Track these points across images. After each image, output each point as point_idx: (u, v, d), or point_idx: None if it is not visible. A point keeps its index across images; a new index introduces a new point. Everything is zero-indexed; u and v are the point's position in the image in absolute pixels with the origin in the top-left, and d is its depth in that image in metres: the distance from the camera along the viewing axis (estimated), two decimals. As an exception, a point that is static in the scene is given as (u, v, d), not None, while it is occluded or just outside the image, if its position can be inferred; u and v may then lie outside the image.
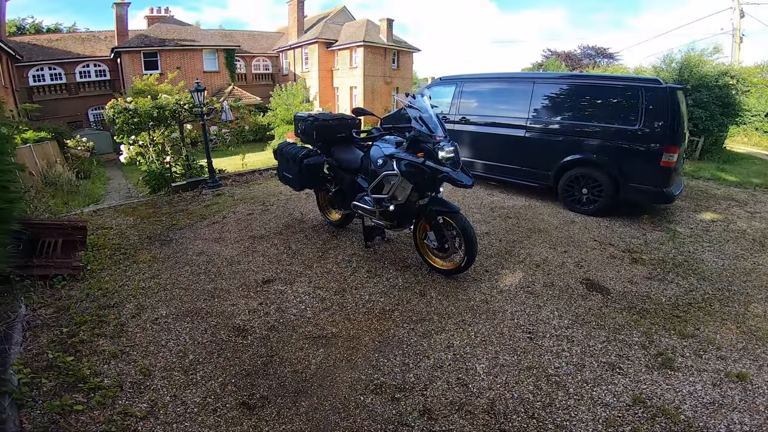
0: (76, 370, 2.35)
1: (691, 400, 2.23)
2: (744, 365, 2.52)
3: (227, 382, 2.35)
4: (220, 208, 5.58)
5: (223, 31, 29.04)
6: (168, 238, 4.53)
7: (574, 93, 5.64)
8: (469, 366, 2.47)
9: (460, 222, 3.27)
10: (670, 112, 4.82)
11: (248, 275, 3.63)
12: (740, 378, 2.39)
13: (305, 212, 5.26)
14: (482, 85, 6.68)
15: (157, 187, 7.17)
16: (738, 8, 16.97)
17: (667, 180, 4.93)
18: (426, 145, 3.16)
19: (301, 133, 4.39)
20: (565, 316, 3.00)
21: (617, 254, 4.12)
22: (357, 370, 2.44)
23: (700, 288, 3.49)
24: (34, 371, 2.32)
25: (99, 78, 23.89)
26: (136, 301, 3.21)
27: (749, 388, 2.32)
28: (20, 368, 2.27)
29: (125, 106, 6.97)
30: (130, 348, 2.65)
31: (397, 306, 3.11)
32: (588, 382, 2.35)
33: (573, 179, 5.44)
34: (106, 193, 11.00)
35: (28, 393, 2.15)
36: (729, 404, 2.21)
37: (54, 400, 2.12)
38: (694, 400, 2.23)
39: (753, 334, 2.84)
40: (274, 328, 2.86)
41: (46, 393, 2.19)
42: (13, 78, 19.18)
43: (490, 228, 4.73)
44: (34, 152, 9.74)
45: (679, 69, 10.86)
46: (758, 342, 2.75)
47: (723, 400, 2.23)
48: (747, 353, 2.63)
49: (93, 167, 14.17)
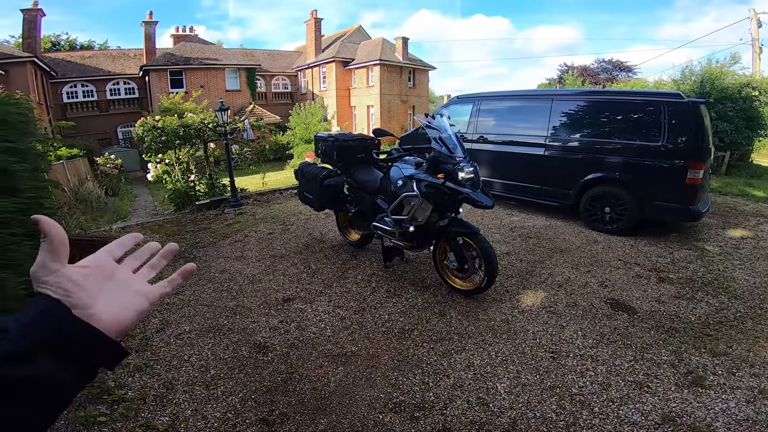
0: (101, 382, 2.43)
1: (723, 418, 2.15)
2: (780, 384, 2.41)
3: (247, 398, 2.37)
4: (242, 227, 5.70)
5: (244, 50, 29.67)
6: (192, 256, 4.64)
7: (593, 109, 5.59)
8: (490, 385, 2.43)
9: (480, 243, 3.26)
10: (693, 126, 4.73)
11: (269, 293, 3.68)
12: (776, 396, 2.29)
13: (325, 232, 5.32)
14: (500, 103, 6.69)
15: (181, 205, 7.37)
16: (755, 18, 16.65)
17: (693, 197, 4.80)
18: (446, 166, 3.18)
19: (321, 153, 4.44)
20: (590, 336, 2.93)
21: (643, 273, 4.02)
22: (376, 388, 2.43)
23: (731, 306, 3.37)
24: None
25: (128, 96, 24.42)
26: (161, 317, 3.29)
27: (786, 407, 2.23)
28: None
29: (154, 124, 7.23)
30: (154, 362, 2.71)
31: (417, 325, 3.09)
32: (614, 401, 2.29)
33: (595, 198, 5.35)
34: (133, 210, 11.36)
35: None
36: (764, 420, 2.13)
37: (78, 411, 2.18)
38: (727, 417, 2.16)
39: (789, 356, 2.72)
40: (294, 345, 2.88)
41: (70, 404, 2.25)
42: (47, 94, 19.81)
43: (510, 248, 4.68)
44: (67, 169, 10.17)
45: (700, 82, 10.66)
46: (795, 364, 2.63)
47: (758, 417, 2.15)
48: (783, 372, 2.53)
49: (121, 184, 14.68)
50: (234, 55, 26.65)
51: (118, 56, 25.63)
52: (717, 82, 10.34)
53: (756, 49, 16.64)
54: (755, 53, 16.68)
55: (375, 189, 3.96)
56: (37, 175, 3.22)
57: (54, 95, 21.60)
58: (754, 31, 16.65)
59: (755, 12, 16.68)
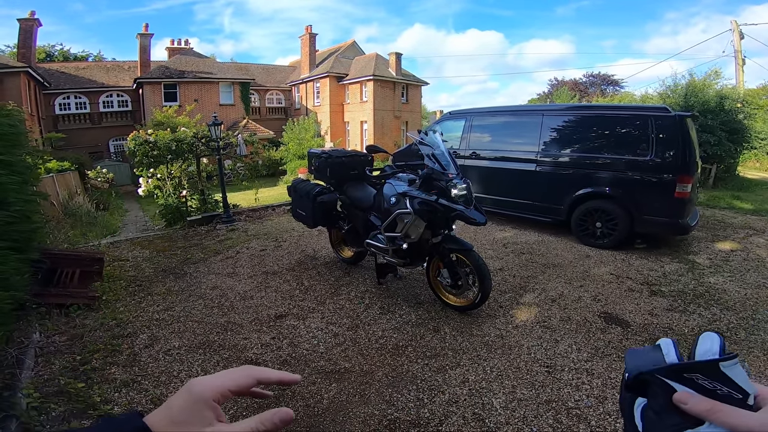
0: (86, 397, 2.37)
1: None
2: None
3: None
4: (233, 243, 5.65)
5: (239, 64, 29.67)
6: (182, 272, 4.59)
7: (583, 124, 5.68)
8: (486, 401, 2.41)
9: (473, 259, 3.26)
10: (680, 141, 4.81)
11: (261, 310, 3.63)
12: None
13: (317, 249, 5.29)
14: (491, 118, 6.77)
15: (173, 220, 7.29)
16: (737, 30, 16.81)
17: (682, 211, 4.87)
18: (439, 182, 3.19)
19: (314, 169, 4.44)
20: (584, 350, 2.92)
21: (635, 287, 4.05)
22: (370, 405, 2.40)
23: (723, 318, 3.40)
24: (44, 396, 2.34)
25: (121, 108, 24.09)
26: (150, 332, 3.23)
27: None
28: (30, 392, 2.29)
29: (146, 138, 7.17)
30: (142, 377, 2.66)
31: (411, 342, 3.07)
32: (611, 414, 2.27)
33: (586, 213, 5.41)
34: (123, 224, 11.22)
35: (37, 417, 2.16)
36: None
37: (62, 425, 2.13)
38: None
39: (782, 367, 2.74)
40: (286, 362, 2.83)
41: (54, 418, 2.20)
42: (39, 105, 19.50)
43: (503, 264, 4.69)
44: (57, 182, 10.05)
45: (684, 95, 10.89)
46: (788, 376, 2.65)
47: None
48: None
49: (111, 199, 14.54)
50: (228, 69, 26.71)
51: (112, 68, 25.44)
52: (700, 95, 10.56)
53: (739, 61, 16.75)
54: (738, 65, 16.78)
55: (368, 206, 3.94)
56: (26, 188, 3.19)
57: (46, 106, 21.33)
58: (737, 43, 16.76)
59: (737, 24, 16.83)
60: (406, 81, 27.00)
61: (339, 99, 26.87)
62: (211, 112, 8.73)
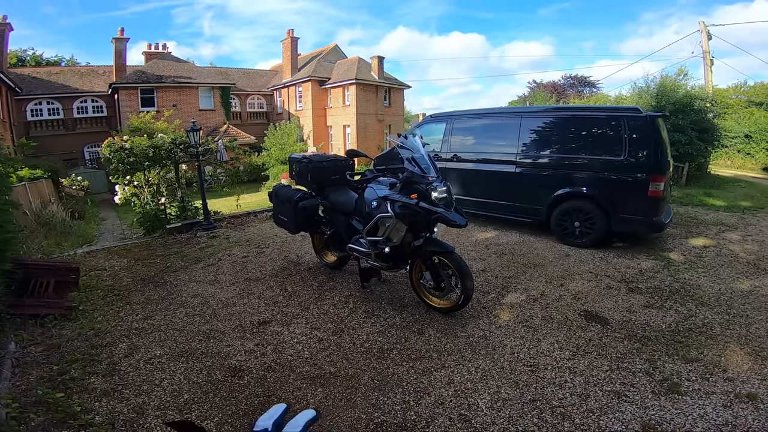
0: (66, 407, 2.32)
1: (703, 423, 2.21)
2: (753, 385, 2.51)
3: (224, 422, 2.29)
4: (215, 251, 5.57)
5: (219, 69, 29.20)
6: (162, 280, 4.50)
7: (559, 126, 5.81)
8: (471, 401, 2.43)
9: (455, 261, 3.28)
10: (652, 140, 4.95)
11: (244, 317, 3.58)
12: (750, 398, 2.38)
13: (301, 254, 5.25)
14: (472, 121, 6.84)
15: (151, 228, 7.12)
16: (705, 30, 17.27)
17: (656, 209, 5.01)
18: (419, 186, 3.20)
19: (295, 174, 4.41)
20: (566, 348, 2.98)
21: (613, 285, 4.14)
22: (356, 409, 2.39)
23: (699, 313, 3.50)
24: (23, 406, 2.28)
25: (96, 114, 23.54)
26: (129, 341, 3.16)
27: (761, 407, 2.32)
28: (8, 402, 2.23)
29: (121, 145, 7.00)
30: (122, 386, 2.61)
31: (396, 345, 3.07)
32: (594, 411, 2.32)
33: (565, 213, 5.50)
34: (100, 233, 10.94)
35: (16, 427, 2.10)
36: (743, 424, 2.19)
37: None
38: (706, 422, 2.21)
39: (758, 355, 2.85)
40: (270, 368, 2.80)
41: (34, 428, 2.15)
42: (11, 111, 18.86)
43: (485, 265, 4.74)
44: (29, 191, 9.73)
45: (656, 95, 11.23)
46: (764, 362, 2.76)
47: (736, 421, 2.21)
48: (754, 373, 2.63)
49: (87, 207, 14.14)
50: (208, 73, 26.36)
51: (86, 73, 24.93)
52: (671, 95, 10.91)
53: (707, 62, 17.23)
54: (706, 65, 17.26)
55: (350, 210, 3.93)
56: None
57: (18, 113, 20.65)
58: (705, 44, 17.25)
59: (705, 25, 17.34)
60: (388, 84, 27.13)
61: (321, 103, 26.81)
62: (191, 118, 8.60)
